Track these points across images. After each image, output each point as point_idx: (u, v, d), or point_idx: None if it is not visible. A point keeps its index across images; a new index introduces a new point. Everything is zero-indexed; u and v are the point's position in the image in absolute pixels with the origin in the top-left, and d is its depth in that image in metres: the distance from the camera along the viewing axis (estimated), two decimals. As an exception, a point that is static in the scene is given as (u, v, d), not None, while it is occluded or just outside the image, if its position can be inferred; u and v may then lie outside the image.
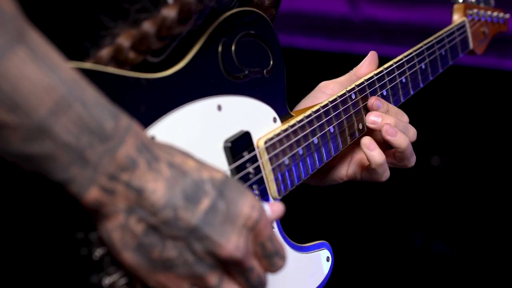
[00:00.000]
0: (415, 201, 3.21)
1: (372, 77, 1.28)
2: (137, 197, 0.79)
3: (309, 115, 1.15)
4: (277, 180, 1.09)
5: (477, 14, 1.66)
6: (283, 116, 1.14)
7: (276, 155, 1.09)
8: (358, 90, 1.25)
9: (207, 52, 1.02)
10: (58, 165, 0.75)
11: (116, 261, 0.83)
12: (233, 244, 0.82)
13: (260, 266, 0.89)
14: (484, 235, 3.05)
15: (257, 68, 1.10)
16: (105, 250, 0.83)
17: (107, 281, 0.83)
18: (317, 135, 1.16)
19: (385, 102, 1.27)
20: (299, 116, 1.13)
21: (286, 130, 1.10)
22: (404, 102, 1.38)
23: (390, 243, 3.18)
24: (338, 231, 3.14)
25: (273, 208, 0.93)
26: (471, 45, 1.64)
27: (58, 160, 0.75)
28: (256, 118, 1.09)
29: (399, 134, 1.21)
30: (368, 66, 1.30)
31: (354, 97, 1.24)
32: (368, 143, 1.20)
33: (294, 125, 1.12)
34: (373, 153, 1.20)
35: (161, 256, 0.81)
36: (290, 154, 1.11)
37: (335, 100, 1.20)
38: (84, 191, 0.77)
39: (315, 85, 1.34)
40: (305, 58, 3.29)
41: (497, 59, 2.96)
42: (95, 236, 0.82)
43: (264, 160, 1.07)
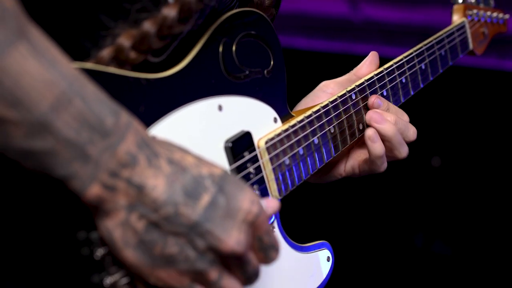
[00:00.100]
0: (416, 201, 3.21)
1: (372, 77, 1.28)
2: (138, 193, 0.79)
3: (310, 115, 1.15)
4: (277, 180, 1.09)
5: (477, 15, 1.66)
6: (284, 116, 1.15)
7: (277, 155, 1.09)
8: (359, 90, 1.25)
9: (208, 52, 1.02)
10: (59, 161, 0.75)
11: (118, 261, 0.83)
12: (234, 239, 0.83)
13: (255, 258, 0.89)
14: (484, 236, 3.05)
15: (257, 68, 1.10)
16: (106, 250, 0.83)
17: (108, 280, 0.84)
18: (318, 135, 1.16)
19: (386, 100, 1.27)
20: (299, 116, 1.14)
21: (286, 130, 1.11)
22: (405, 102, 1.38)
23: (390, 243, 3.18)
24: (338, 231, 3.14)
25: (269, 204, 0.93)
26: (471, 45, 1.64)
27: (59, 156, 0.75)
28: (257, 118, 1.09)
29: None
30: (368, 66, 1.31)
31: (354, 97, 1.24)
32: (372, 135, 1.21)
33: (294, 125, 1.12)
34: (375, 145, 1.21)
35: (163, 252, 0.81)
36: (290, 154, 1.11)
37: (335, 100, 1.20)
38: (86, 187, 0.77)
39: (316, 85, 1.34)
40: (306, 59, 3.29)
41: (497, 59, 2.97)
42: (96, 235, 0.82)
43: (264, 160, 1.07)
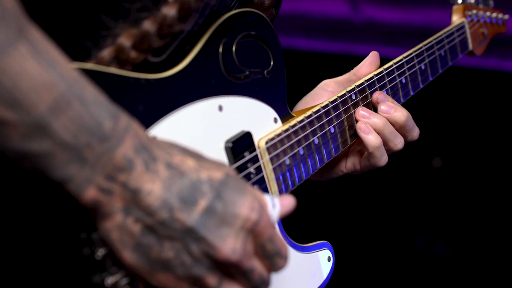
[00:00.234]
0: (417, 202, 3.21)
1: (372, 78, 1.28)
2: (133, 197, 0.79)
3: (310, 115, 1.15)
4: (278, 180, 1.09)
5: (476, 15, 1.66)
6: (284, 116, 1.15)
7: (277, 155, 1.09)
8: (359, 91, 1.25)
9: (208, 53, 1.02)
10: (57, 164, 0.75)
11: (118, 261, 0.83)
12: (229, 247, 0.81)
13: (262, 266, 0.87)
14: (485, 237, 3.05)
15: (257, 69, 1.10)
16: (107, 250, 0.83)
17: (109, 280, 0.84)
18: (318, 135, 1.16)
19: (389, 96, 1.27)
20: (299, 117, 1.14)
21: (287, 130, 1.11)
22: (406, 103, 1.38)
23: (391, 244, 3.18)
24: (339, 232, 3.14)
25: (284, 202, 0.90)
26: (471, 46, 1.64)
27: (56, 158, 0.75)
28: (257, 119, 1.09)
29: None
30: (368, 67, 1.31)
31: (354, 97, 1.24)
32: (364, 128, 1.21)
33: (295, 125, 1.12)
34: (369, 136, 1.21)
35: (160, 256, 0.81)
36: (291, 154, 1.11)
37: (335, 100, 1.20)
38: (82, 190, 0.77)
39: (316, 86, 1.34)
40: (306, 60, 3.29)
41: (498, 60, 2.96)
42: (97, 236, 0.83)
43: (265, 160, 1.07)
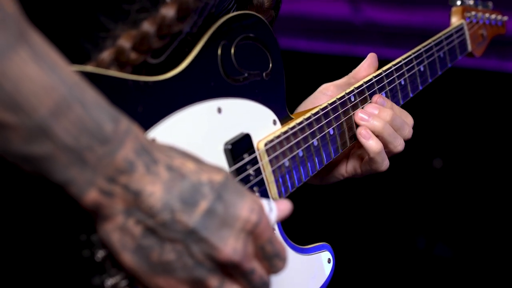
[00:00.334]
0: (418, 203, 3.21)
1: (371, 79, 1.29)
2: (134, 199, 0.79)
3: (309, 118, 1.15)
4: (277, 182, 1.09)
5: (475, 17, 1.67)
6: (283, 118, 1.15)
7: (276, 157, 1.09)
8: (357, 93, 1.25)
9: (207, 55, 1.02)
10: (58, 166, 0.76)
11: (118, 263, 0.84)
12: (230, 247, 0.82)
13: (262, 267, 0.88)
14: (486, 238, 3.05)
15: (256, 71, 1.10)
16: (107, 252, 0.83)
17: (109, 282, 0.84)
18: (317, 137, 1.16)
19: (389, 101, 1.27)
20: (298, 119, 1.14)
21: (286, 132, 1.11)
22: (406, 104, 1.38)
23: (392, 245, 3.18)
24: (340, 233, 3.14)
25: (281, 207, 0.92)
26: (470, 47, 1.64)
27: (57, 161, 0.75)
28: (256, 121, 1.09)
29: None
30: (367, 69, 1.31)
31: (353, 99, 1.24)
32: (364, 133, 1.21)
33: (294, 127, 1.12)
34: (370, 142, 1.21)
35: (160, 259, 0.81)
36: (290, 156, 1.11)
37: (334, 102, 1.20)
38: (83, 192, 0.77)
39: (317, 87, 1.34)
40: (307, 61, 3.29)
41: (498, 61, 2.97)
42: (97, 238, 0.83)
43: (264, 162, 1.07)
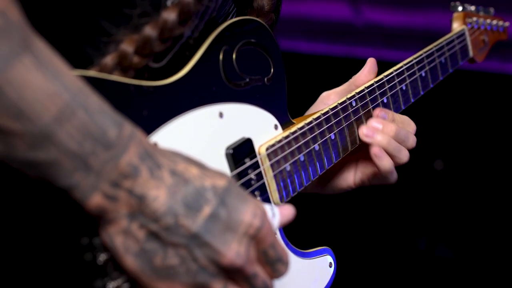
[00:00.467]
0: (419, 205, 3.21)
1: (372, 85, 1.29)
2: (139, 204, 0.80)
3: (310, 122, 1.15)
4: (278, 187, 1.09)
5: (477, 23, 1.67)
6: (284, 123, 1.15)
7: (278, 161, 1.09)
8: (359, 98, 1.25)
9: (209, 60, 1.03)
10: (62, 172, 0.76)
11: (120, 266, 0.84)
12: (233, 251, 0.82)
13: (264, 272, 0.89)
14: (487, 239, 3.05)
15: (258, 76, 1.10)
16: (109, 255, 0.84)
17: (111, 285, 0.84)
18: (318, 142, 1.17)
19: (390, 112, 1.26)
20: (300, 123, 1.14)
21: (287, 136, 1.11)
22: (407, 106, 1.39)
23: (393, 247, 3.19)
24: (341, 236, 3.14)
25: (284, 212, 0.93)
26: (471, 53, 1.64)
27: (62, 167, 0.76)
28: (258, 125, 1.10)
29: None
30: (367, 75, 1.30)
31: (354, 104, 1.24)
32: (378, 153, 1.19)
33: (295, 131, 1.12)
34: (383, 161, 1.20)
35: (163, 263, 0.81)
36: (291, 160, 1.12)
37: (335, 107, 1.21)
38: (87, 197, 0.78)
39: (318, 89, 1.34)
40: (308, 63, 3.30)
41: (500, 63, 2.97)
42: (99, 241, 0.83)
43: (265, 166, 1.08)
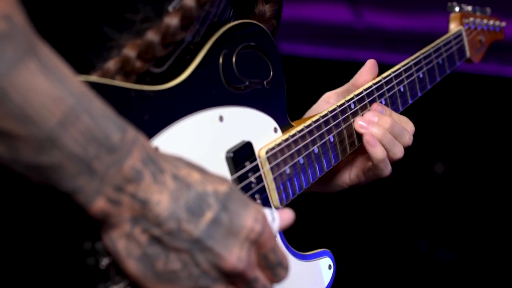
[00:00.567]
0: (419, 208, 3.21)
1: (370, 87, 1.29)
2: (142, 208, 0.80)
3: (309, 125, 1.16)
4: (278, 189, 1.10)
5: (474, 23, 1.67)
6: (284, 126, 1.16)
7: (278, 164, 1.10)
8: (357, 100, 1.26)
9: (209, 64, 1.03)
10: (66, 176, 0.77)
11: (122, 270, 0.85)
12: (235, 256, 0.83)
13: (264, 276, 0.90)
14: (488, 242, 3.05)
15: (257, 79, 1.11)
16: (111, 259, 0.84)
17: (113, 289, 0.85)
18: (318, 144, 1.17)
19: (388, 108, 1.28)
20: (299, 126, 1.15)
21: (287, 139, 1.12)
22: (407, 109, 1.39)
23: (394, 249, 3.19)
24: (341, 238, 3.15)
25: (283, 216, 0.93)
26: (468, 53, 1.64)
27: (66, 171, 0.76)
28: (257, 129, 1.10)
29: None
30: (366, 75, 1.31)
31: (353, 106, 1.25)
32: (371, 140, 1.21)
33: (294, 134, 1.13)
34: (375, 149, 1.21)
35: (165, 267, 0.82)
36: (291, 163, 1.12)
37: (334, 110, 1.21)
38: (91, 201, 0.79)
39: (319, 92, 1.35)
40: (309, 66, 3.31)
41: (499, 66, 2.98)
42: (101, 245, 0.84)
43: (265, 169, 1.08)
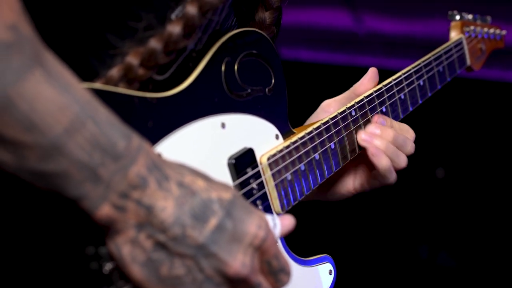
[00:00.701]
0: (420, 213, 3.22)
1: (371, 94, 1.30)
2: (147, 214, 0.81)
3: (310, 132, 1.17)
4: (280, 196, 1.11)
5: (474, 31, 1.68)
6: (285, 133, 1.17)
7: (279, 171, 1.11)
8: (358, 107, 1.27)
9: (211, 72, 1.04)
10: (72, 182, 0.77)
11: (125, 275, 0.86)
12: (239, 262, 0.84)
13: (267, 281, 0.90)
14: (489, 247, 3.06)
15: (259, 87, 1.12)
16: (115, 264, 0.85)
17: (116, 294, 0.86)
18: (319, 151, 1.18)
19: (388, 118, 1.28)
20: (300, 133, 1.15)
21: (288, 146, 1.13)
22: (408, 114, 1.40)
23: (395, 255, 3.19)
24: (342, 244, 3.15)
25: (284, 222, 0.94)
26: (469, 61, 1.65)
27: (71, 177, 0.77)
28: (259, 135, 1.11)
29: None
30: (367, 84, 1.32)
31: (354, 113, 1.26)
32: (376, 152, 1.22)
33: (296, 141, 1.14)
34: (381, 160, 1.22)
35: (170, 273, 0.83)
36: (292, 170, 1.13)
37: (335, 117, 1.22)
38: (96, 207, 0.79)
39: (319, 98, 1.36)
40: (309, 71, 3.31)
41: (501, 71, 2.98)
42: (105, 250, 0.85)
43: (267, 176, 1.09)
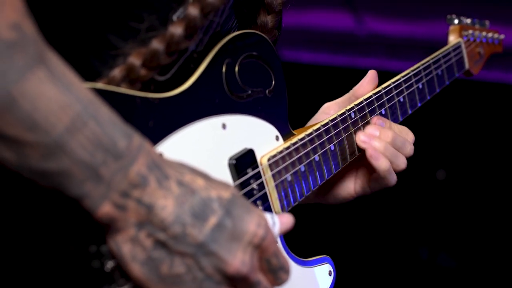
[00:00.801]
0: (421, 214, 3.22)
1: (371, 97, 1.31)
2: (147, 213, 0.82)
3: (310, 133, 1.18)
4: (280, 196, 1.12)
5: (473, 35, 1.69)
6: (285, 134, 1.18)
7: (279, 172, 1.12)
8: (357, 109, 1.27)
9: (212, 73, 1.05)
10: (73, 181, 0.78)
11: (126, 274, 0.86)
12: (239, 260, 0.85)
13: (266, 280, 0.91)
14: (489, 248, 3.06)
15: (259, 88, 1.13)
16: (116, 262, 0.86)
17: (117, 292, 0.87)
18: (319, 153, 1.19)
19: (388, 120, 1.29)
20: (300, 134, 1.16)
21: (288, 147, 1.14)
22: (408, 117, 1.41)
23: (395, 256, 3.20)
24: (342, 245, 3.16)
25: (283, 220, 0.95)
26: (467, 65, 1.66)
27: (73, 177, 0.78)
28: (259, 136, 1.12)
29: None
30: (367, 86, 1.32)
31: (353, 116, 1.26)
32: (374, 154, 1.22)
33: (296, 143, 1.15)
34: (379, 162, 1.22)
35: (170, 271, 0.84)
36: (292, 171, 1.14)
37: (335, 119, 1.23)
38: (97, 206, 0.80)
39: (320, 99, 1.37)
40: (310, 73, 3.32)
41: (502, 73, 2.99)
42: (106, 249, 0.85)
43: (267, 176, 1.10)
